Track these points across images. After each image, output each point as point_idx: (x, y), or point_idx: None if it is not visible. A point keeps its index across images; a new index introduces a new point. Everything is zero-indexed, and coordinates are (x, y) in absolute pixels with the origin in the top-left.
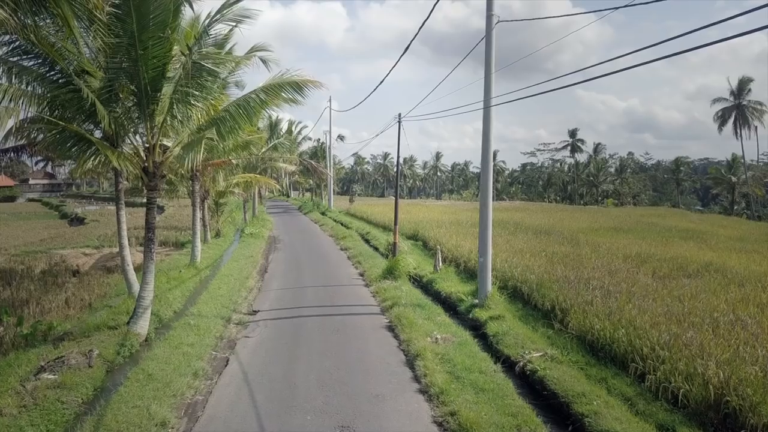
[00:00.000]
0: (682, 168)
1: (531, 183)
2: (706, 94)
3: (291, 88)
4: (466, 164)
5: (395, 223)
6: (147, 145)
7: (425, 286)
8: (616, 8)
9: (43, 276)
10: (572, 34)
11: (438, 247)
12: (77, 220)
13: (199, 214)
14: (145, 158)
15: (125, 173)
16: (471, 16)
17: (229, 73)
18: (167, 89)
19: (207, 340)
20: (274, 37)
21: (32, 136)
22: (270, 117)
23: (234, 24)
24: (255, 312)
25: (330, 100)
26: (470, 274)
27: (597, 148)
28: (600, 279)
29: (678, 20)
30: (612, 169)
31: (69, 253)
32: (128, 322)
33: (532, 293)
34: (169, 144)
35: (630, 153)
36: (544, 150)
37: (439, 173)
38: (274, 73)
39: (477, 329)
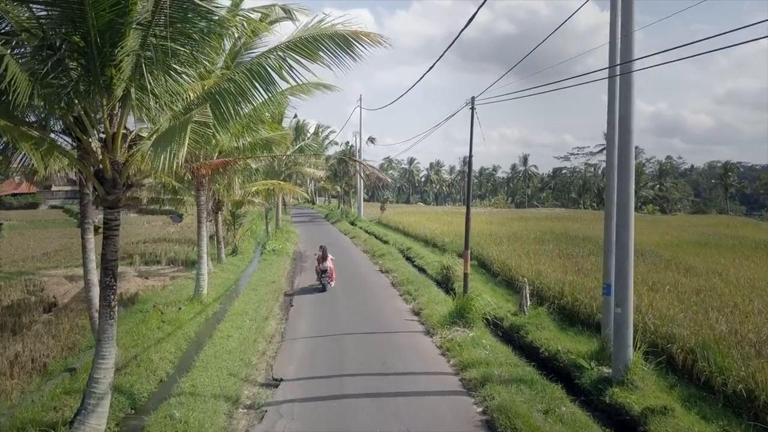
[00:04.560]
0: (730, 173)
1: (563, 188)
2: (735, 98)
3: (333, 44)
4: (494, 168)
5: (466, 247)
6: (103, 135)
7: (509, 335)
8: None
9: (5, 313)
10: (600, 38)
11: (524, 281)
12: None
13: (206, 232)
14: (100, 156)
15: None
16: (496, 20)
17: (248, 39)
18: (132, 42)
19: None
20: None
21: None
22: (297, 117)
23: None
24: (277, 382)
25: (360, 99)
26: (567, 317)
27: (635, 151)
28: None
29: (705, 23)
30: (647, 173)
31: (51, 278)
32: (73, 420)
33: (693, 362)
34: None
35: (668, 157)
36: (578, 154)
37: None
38: (304, 23)
39: (628, 426)
